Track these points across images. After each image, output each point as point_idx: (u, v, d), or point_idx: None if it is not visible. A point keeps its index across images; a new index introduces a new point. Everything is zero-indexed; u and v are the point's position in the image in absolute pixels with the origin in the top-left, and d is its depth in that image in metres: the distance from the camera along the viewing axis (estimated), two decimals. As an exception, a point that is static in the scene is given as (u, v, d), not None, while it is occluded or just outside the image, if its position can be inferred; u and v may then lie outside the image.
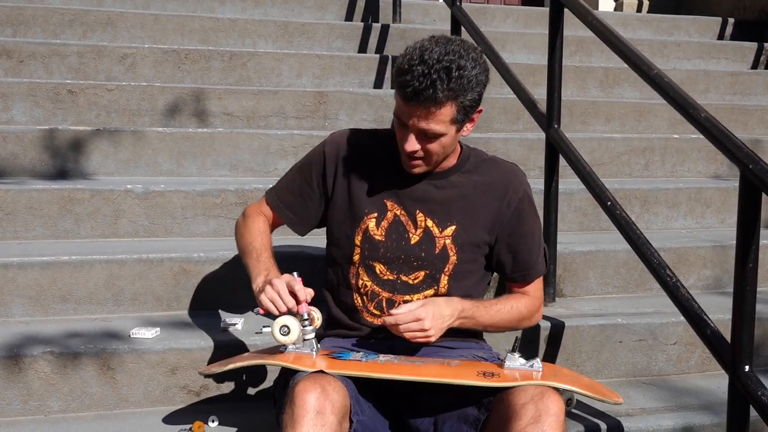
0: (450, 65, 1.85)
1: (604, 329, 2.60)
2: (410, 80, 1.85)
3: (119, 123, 3.57)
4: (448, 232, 2.06)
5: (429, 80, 1.83)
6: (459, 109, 1.90)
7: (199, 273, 2.65)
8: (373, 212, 2.06)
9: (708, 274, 3.08)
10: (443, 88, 1.85)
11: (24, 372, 2.23)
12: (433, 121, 1.89)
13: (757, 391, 1.87)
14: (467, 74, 1.87)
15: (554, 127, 2.82)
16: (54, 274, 2.55)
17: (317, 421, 1.68)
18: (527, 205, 2.11)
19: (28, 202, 2.85)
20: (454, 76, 1.85)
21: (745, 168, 1.88)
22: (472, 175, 2.09)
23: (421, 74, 1.84)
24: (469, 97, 1.90)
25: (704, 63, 5.19)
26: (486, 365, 1.93)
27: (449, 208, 2.06)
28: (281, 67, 4.09)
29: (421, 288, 2.06)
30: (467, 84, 1.88)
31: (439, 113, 1.88)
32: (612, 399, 1.98)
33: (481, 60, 1.93)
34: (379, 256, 2.06)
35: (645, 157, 3.88)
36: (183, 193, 2.97)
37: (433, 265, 2.05)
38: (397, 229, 2.06)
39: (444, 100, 1.86)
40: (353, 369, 1.86)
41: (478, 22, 3.87)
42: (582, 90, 4.53)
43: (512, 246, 2.11)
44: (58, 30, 4.12)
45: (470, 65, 1.88)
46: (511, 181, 2.10)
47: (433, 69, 1.84)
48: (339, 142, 2.13)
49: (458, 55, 1.87)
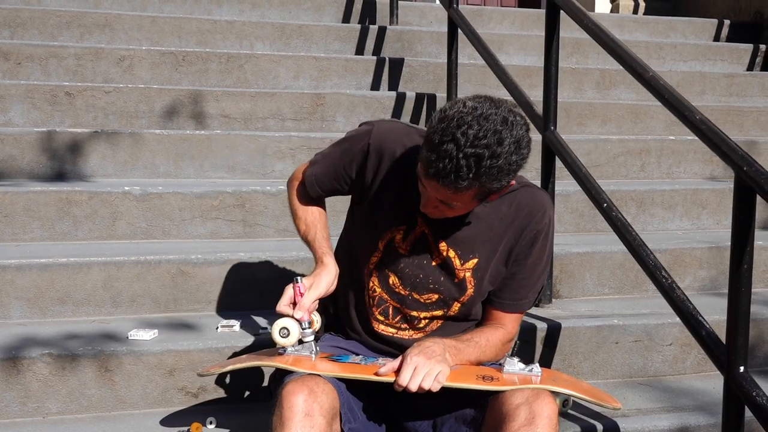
0: (483, 152, 1.66)
1: (601, 330, 2.61)
2: (435, 161, 1.68)
3: (117, 125, 3.58)
4: (469, 264, 1.98)
5: (455, 167, 1.66)
6: (484, 192, 1.76)
7: (197, 275, 2.65)
8: (403, 224, 1.97)
9: (704, 275, 3.09)
10: (468, 177, 1.68)
11: (22, 374, 2.23)
12: (453, 200, 1.77)
13: (751, 391, 1.88)
14: (500, 164, 1.68)
15: (551, 129, 2.84)
16: (52, 276, 2.56)
17: (305, 423, 1.68)
18: (542, 240, 1.99)
19: (26, 204, 2.85)
20: (484, 165, 1.67)
21: (739, 170, 1.89)
22: (500, 205, 1.95)
23: (448, 157, 1.66)
24: (497, 184, 1.74)
25: (700, 65, 5.20)
26: (486, 369, 1.93)
27: (473, 243, 1.97)
28: (278, 69, 4.10)
29: (430, 308, 2.02)
30: (497, 173, 1.70)
31: (459, 196, 1.75)
32: (611, 404, 1.97)
33: (524, 142, 1.73)
34: (398, 269, 1.99)
35: (641, 158, 3.90)
36: (181, 195, 2.98)
37: (450, 293, 1.99)
38: (422, 247, 1.97)
39: (467, 188, 1.71)
40: (351, 371, 1.87)
41: (474, 24, 3.88)
42: (578, 92, 4.54)
43: (510, 273, 2.01)
44: (55, 32, 4.13)
45: (506, 151, 1.68)
46: (536, 214, 1.97)
47: (463, 153, 1.65)
48: (385, 138, 1.96)
49: (496, 140, 1.67)
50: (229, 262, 2.68)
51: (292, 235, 2.88)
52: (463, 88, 4.03)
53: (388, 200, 1.97)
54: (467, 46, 3.83)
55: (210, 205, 3.00)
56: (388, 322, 2.04)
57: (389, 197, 1.97)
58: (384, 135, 1.96)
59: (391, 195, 1.97)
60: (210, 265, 2.66)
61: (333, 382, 1.82)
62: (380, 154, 1.95)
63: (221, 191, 3.02)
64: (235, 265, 2.69)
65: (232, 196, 3.02)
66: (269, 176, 3.42)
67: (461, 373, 1.89)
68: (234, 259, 2.69)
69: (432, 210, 1.85)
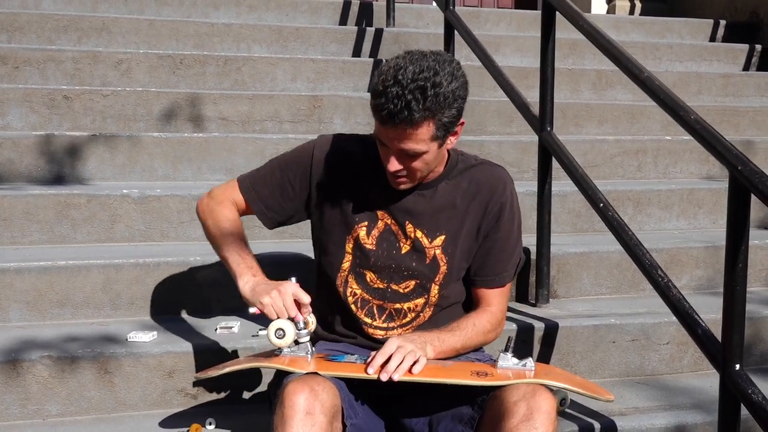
0: (425, 84, 1.80)
1: (598, 330, 2.62)
2: (385, 103, 1.81)
3: (115, 128, 3.59)
4: (437, 242, 2.05)
5: (404, 101, 1.79)
6: (438, 126, 1.86)
7: (196, 277, 2.66)
8: (364, 221, 2.05)
9: (700, 274, 3.11)
10: (419, 108, 1.80)
11: (22, 376, 2.24)
12: (412, 141, 1.86)
13: (747, 389, 1.90)
14: (443, 91, 1.82)
15: (547, 130, 2.85)
16: (51, 279, 2.56)
17: (307, 422, 1.70)
18: (508, 212, 2.08)
19: (24, 207, 2.86)
20: (429, 95, 1.80)
21: (734, 170, 1.90)
22: (460, 181, 2.06)
23: (396, 96, 1.79)
24: (447, 113, 1.86)
25: (696, 65, 5.22)
26: (479, 365, 1.95)
27: (438, 219, 2.04)
28: (276, 72, 4.11)
29: (411, 296, 2.06)
30: (444, 101, 1.83)
31: (417, 133, 1.85)
32: (604, 397, 2.00)
33: (458, 74, 1.88)
34: (370, 264, 2.05)
35: (638, 158, 3.91)
36: (179, 198, 2.99)
37: (424, 275, 2.05)
38: (388, 238, 2.05)
39: (420, 120, 1.82)
40: (347, 370, 1.88)
41: (471, 25, 3.90)
42: (575, 92, 4.56)
43: (484, 249, 2.08)
44: (53, 36, 4.14)
45: (446, 81, 1.83)
46: (497, 187, 2.07)
47: (408, 89, 1.79)
48: (327, 149, 2.09)
49: (433, 72, 1.82)
50: (228, 264, 2.69)
51: (289, 236, 2.90)
52: (460, 90, 4.03)
53: (344, 203, 2.06)
54: (464, 48, 3.84)
55: (208, 208, 3.00)
56: (376, 324, 2.07)
57: (344, 199, 2.06)
58: (325, 144, 2.09)
59: (346, 197, 2.06)
60: (209, 267, 2.67)
61: (333, 380, 1.83)
62: (325, 161, 2.07)
63: (219, 193, 3.02)
64: (233, 267, 2.69)
65: (230, 198, 3.02)
66: (267, 178, 3.42)
67: (455, 369, 1.91)
68: (232, 261, 2.70)
69: (397, 168, 1.92)
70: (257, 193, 2.15)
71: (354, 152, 2.08)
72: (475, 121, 4.00)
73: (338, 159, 2.08)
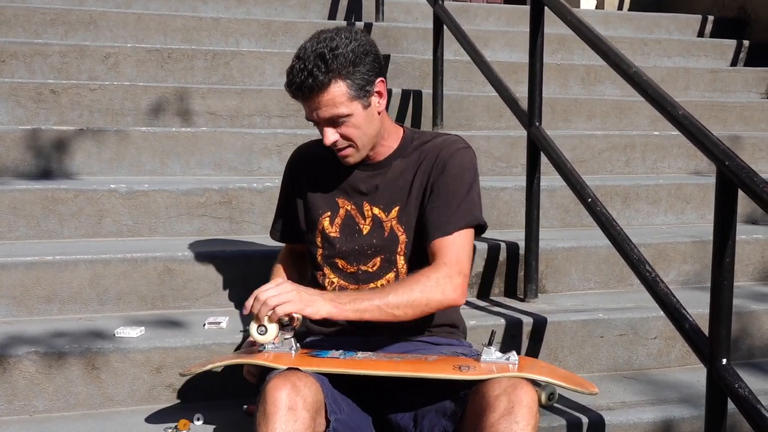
0: (322, 50, 1.92)
1: (586, 324, 2.63)
2: (292, 78, 1.95)
3: (102, 123, 3.57)
4: (393, 214, 2.10)
5: (306, 71, 1.92)
6: (350, 85, 1.95)
7: (184, 272, 2.66)
8: (327, 211, 2.14)
9: (688, 269, 3.12)
10: (321, 72, 1.91)
11: (9, 372, 2.23)
12: (330, 106, 1.95)
13: (734, 383, 1.90)
14: (342, 51, 1.93)
15: (536, 125, 2.85)
16: (38, 274, 2.55)
17: (289, 417, 1.71)
18: (454, 168, 2.05)
19: (11, 202, 2.84)
20: (328, 58, 1.92)
21: (721, 164, 1.91)
22: (412, 154, 2.11)
23: (299, 70, 1.93)
24: (354, 71, 1.95)
25: (684, 60, 5.24)
26: (463, 360, 1.95)
27: (391, 191, 2.10)
28: (264, 66, 4.10)
29: (381, 274, 2.10)
30: (345, 60, 1.93)
31: (330, 97, 1.94)
32: (587, 389, 1.99)
33: (357, 36, 1.98)
34: (336, 251, 2.12)
35: (626, 153, 3.92)
36: (167, 193, 2.98)
37: (386, 248, 2.09)
38: (349, 223, 2.12)
39: (327, 81, 1.93)
40: (330, 366, 1.88)
41: (460, 20, 3.89)
42: (564, 87, 4.56)
43: (429, 205, 2.05)
44: (39, 29, 4.11)
45: (344, 43, 1.94)
46: (442, 149, 2.08)
47: (308, 60, 1.92)
48: (296, 157, 2.25)
49: (329, 39, 1.94)
50: (216, 259, 2.69)
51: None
52: (448, 84, 4.04)
53: (310, 200, 2.17)
54: (453, 43, 3.84)
55: (196, 203, 3.00)
56: None
57: (310, 195, 2.17)
58: (295, 154, 2.27)
59: (311, 192, 2.17)
60: (196, 263, 2.67)
61: (315, 376, 1.84)
62: (296, 168, 2.22)
63: (208, 188, 3.02)
64: (221, 262, 2.69)
65: (218, 193, 3.02)
66: (256, 173, 3.42)
67: (438, 364, 1.91)
68: (221, 256, 2.70)
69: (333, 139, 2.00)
70: (276, 229, 2.33)
71: (313, 153, 2.21)
72: (464, 116, 4.00)
73: (301, 164, 2.22)
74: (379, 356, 1.98)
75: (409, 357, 1.99)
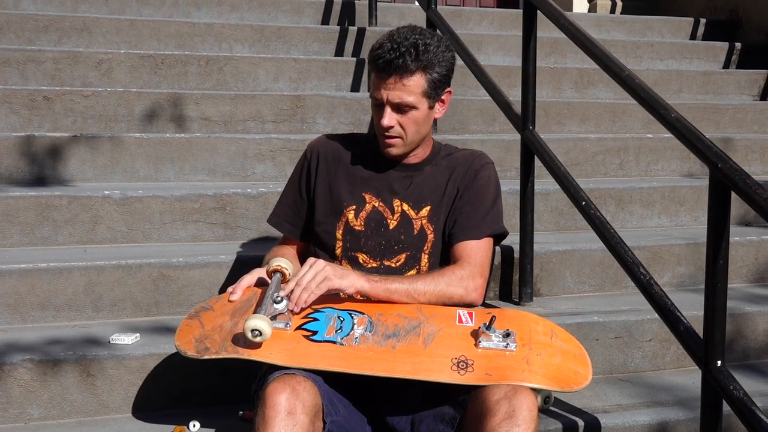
0: (417, 42, 2.04)
1: (581, 327, 2.63)
2: (382, 53, 2.04)
3: (96, 129, 3.57)
4: (423, 212, 2.17)
5: (398, 52, 2.02)
6: (429, 81, 2.07)
7: (179, 278, 2.65)
8: (352, 204, 2.17)
9: (682, 271, 3.13)
10: (412, 59, 2.03)
11: (3, 380, 2.22)
12: (405, 91, 2.05)
13: (729, 385, 1.91)
14: (433, 50, 2.06)
15: (529, 129, 2.86)
16: (32, 282, 2.54)
17: (288, 421, 1.72)
18: (483, 178, 2.21)
19: (4, 209, 2.84)
20: (421, 50, 2.04)
21: (714, 167, 1.91)
22: (441, 162, 2.23)
23: (392, 48, 2.03)
24: (437, 70, 2.08)
25: (677, 63, 5.25)
26: (461, 349, 1.92)
27: (422, 191, 2.19)
28: (258, 72, 4.10)
29: (403, 270, 2.15)
30: (434, 58, 2.06)
31: (409, 84, 2.05)
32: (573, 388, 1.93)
33: (446, 43, 2.12)
34: (361, 245, 2.15)
35: (620, 156, 3.93)
36: (161, 199, 2.97)
37: (414, 245, 2.15)
38: (376, 217, 2.16)
39: (414, 69, 2.04)
40: (326, 359, 1.87)
41: (453, 24, 3.90)
42: (557, 91, 4.57)
43: (458, 208, 2.18)
44: (33, 36, 4.10)
45: (435, 44, 2.07)
46: (474, 160, 2.24)
47: (402, 45, 2.03)
48: (317, 147, 2.27)
49: (424, 36, 2.07)
50: (211, 265, 2.68)
51: (273, 237, 2.89)
52: (442, 89, 4.03)
53: (334, 191, 2.20)
54: (446, 47, 3.85)
55: (191, 209, 3.00)
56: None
57: (334, 187, 2.20)
58: (315, 144, 2.28)
59: (336, 184, 2.20)
60: (191, 269, 2.66)
61: (312, 377, 1.84)
62: (317, 157, 2.24)
63: (202, 194, 3.02)
64: (216, 268, 2.69)
65: (212, 199, 3.02)
66: (250, 179, 3.41)
67: (436, 357, 1.88)
68: (215, 261, 2.70)
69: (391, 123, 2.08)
70: (280, 217, 2.31)
71: (340, 146, 2.26)
72: (458, 120, 4.01)
73: (327, 152, 2.25)
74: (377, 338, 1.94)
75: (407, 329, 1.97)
